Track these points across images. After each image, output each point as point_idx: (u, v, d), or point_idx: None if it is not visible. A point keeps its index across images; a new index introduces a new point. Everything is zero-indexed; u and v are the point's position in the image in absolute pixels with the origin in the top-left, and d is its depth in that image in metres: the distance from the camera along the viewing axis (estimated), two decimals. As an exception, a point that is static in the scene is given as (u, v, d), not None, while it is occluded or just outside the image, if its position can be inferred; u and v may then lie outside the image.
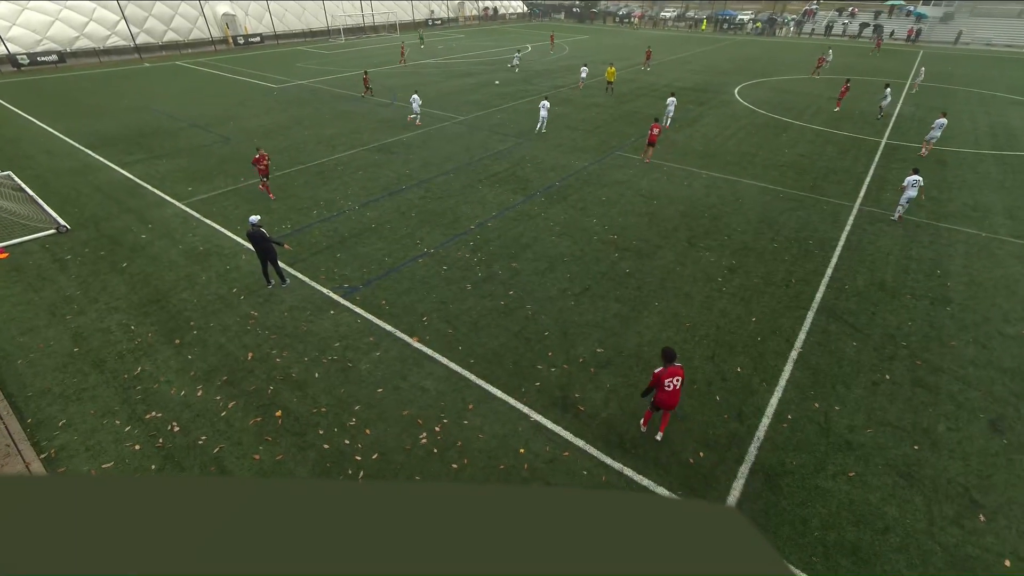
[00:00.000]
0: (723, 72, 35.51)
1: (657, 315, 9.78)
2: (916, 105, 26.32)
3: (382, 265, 11.37)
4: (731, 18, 70.28)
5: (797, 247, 12.35)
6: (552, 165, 17.48)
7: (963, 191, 15.72)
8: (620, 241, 12.49)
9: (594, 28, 68.39)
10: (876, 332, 9.39)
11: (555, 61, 39.06)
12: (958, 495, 6.45)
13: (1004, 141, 20.57)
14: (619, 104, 26.12)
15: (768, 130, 21.81)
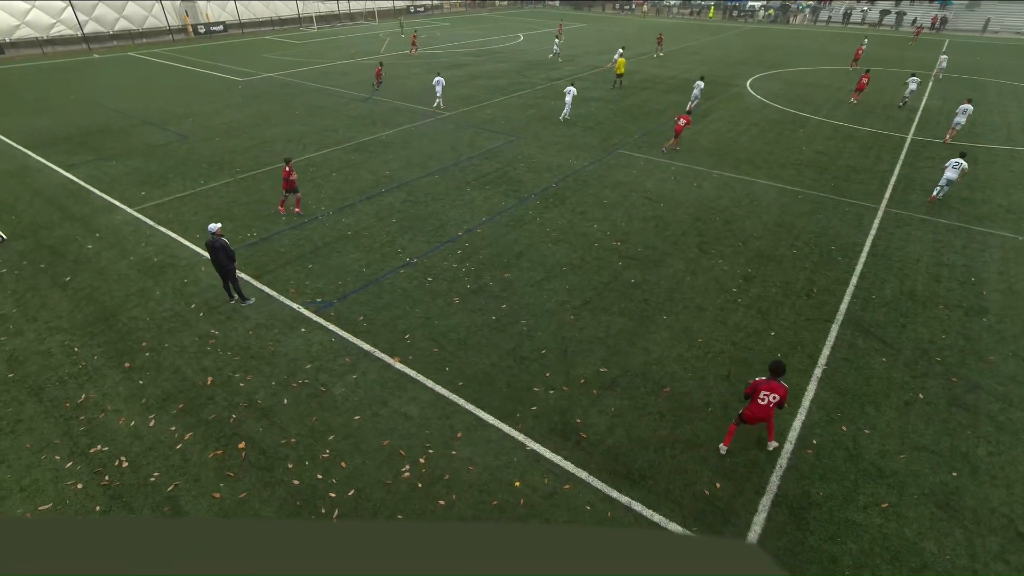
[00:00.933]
0: (734, 63, 36.16)
1: (666, 330, 9.81)
2: (944, 98, 26.90)
3: (359, 277, 11.34)
4: (741, 5, 71.72)
5: (818, 253, 12.49)
6: (548, 165, 17.62)
7: (997, 191, 16.02)
8: (624, 248, 12.57)
9: (592, 16, 69.49)
10: (907, 346, 9.48)
11: (549, 51, 39.58)
12: (1002, 527, 6.47)
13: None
14: (622, 98, 26.46)
15: (784, 126, 22.17)
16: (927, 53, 40.88)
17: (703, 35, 49.39)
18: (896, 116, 23.69)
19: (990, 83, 30.16)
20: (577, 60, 36.69)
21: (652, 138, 20.42)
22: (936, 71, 31.06)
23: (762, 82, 30.37)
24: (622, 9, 77.19)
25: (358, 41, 44.69)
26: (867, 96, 26.75)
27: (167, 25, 46.14)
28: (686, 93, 27.29)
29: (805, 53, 40.47)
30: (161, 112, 23.53)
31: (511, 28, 54.09)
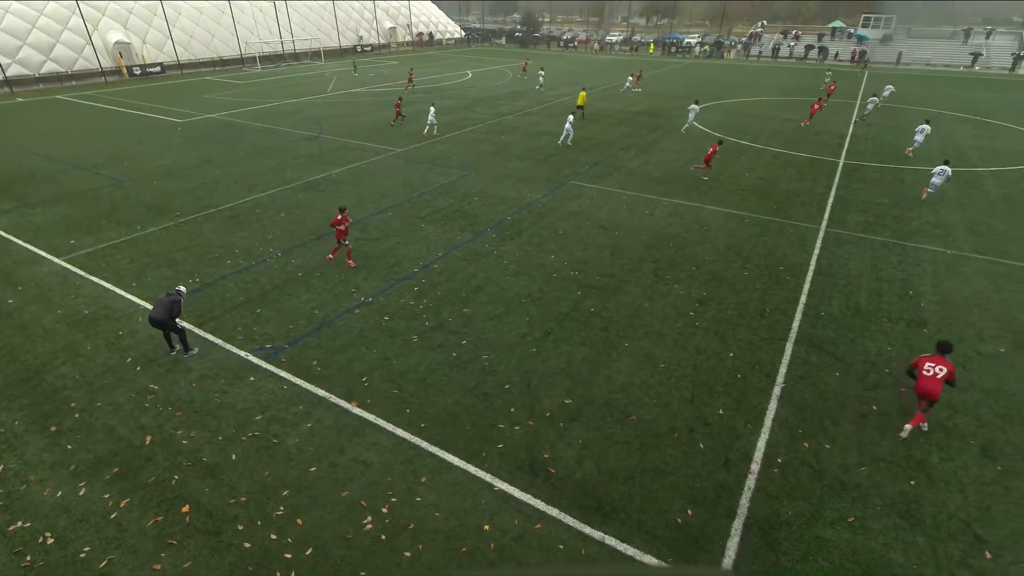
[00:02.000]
0: (676, 96, 38.19)
1: (628, 357, 9.94)
2: (869, 125, 29.17)
3: (312, 320, 11.04)
4: (678, 41, 76.39)
5: (768, 274, 13.06)
6: (502, 198, 17.89)
7: (924, 208, 17.32)
8: (582, 277, 12.78)
9: (537, 53, 72.27)
10: (858, 360, 9.93)
11: (498, 88, 40.76)
12: (961, 532, 6.73)
13: (954, 158, 23.01)
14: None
15: (726, 154, 23.39)
16: (852, 84, 44.41)
17: (646, 70, 52.03)
18: (828, 143, 25.45)
19: (909, 109, 32.94)
20: (526, 95, 37.87)
21: (603, 169, 21.13)
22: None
23: (703, 113, 32.10)
24: (567, 46, 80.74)
25: (304, 80, 44.76)
26: (810, 125, 28.69)
27: (99, 67, 44.91)
28: (633, 126, 28.55)
29: (740, 86, 43.23)
30: (93, 156, 22.64)
31: (458, 66, 55.52)
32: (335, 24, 65.55)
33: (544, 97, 37.22)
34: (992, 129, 28.49)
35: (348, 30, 68.41)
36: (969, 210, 17.23)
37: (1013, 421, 8.51)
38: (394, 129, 27.34)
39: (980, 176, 20.70)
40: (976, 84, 46.27)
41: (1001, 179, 20.39)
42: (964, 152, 24.02)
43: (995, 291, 12.37)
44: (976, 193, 18.82)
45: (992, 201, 18.08)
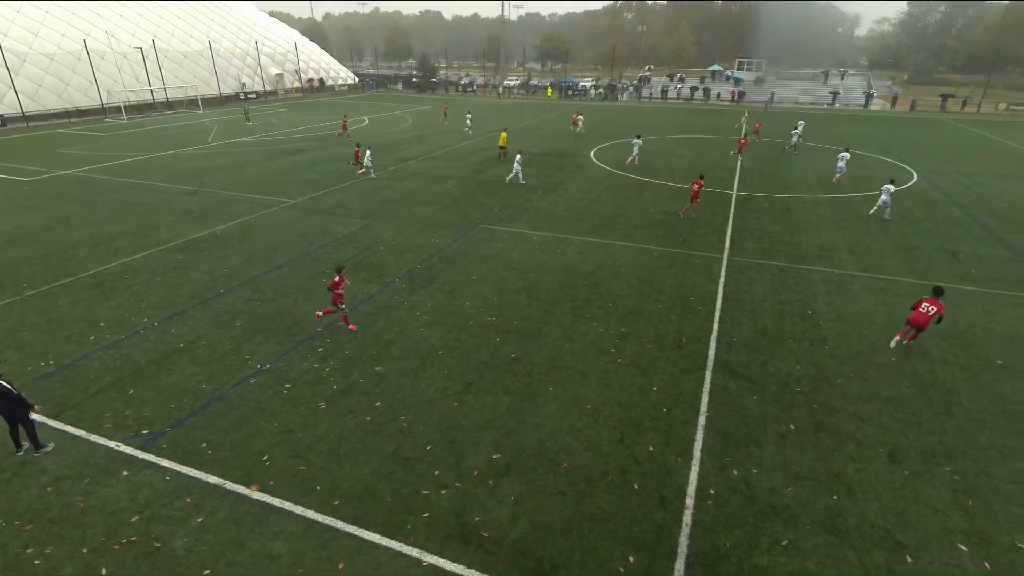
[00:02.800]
0: (576, 136, 40.62)
1: (554, 401, 10.03)
2: (753, 158, 32.64)
3: (198, 396, 10.14)
4: (574, 85, 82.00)
5: (681, 305, 13.90)
6: (409, 246, 17.81)
7: (810, 233, 19.43)
8: (500, 323, 12.87)
9: (436, 98, 74.38)
10: (771, 382, 10.71)
11: (398, 133, 41.25)
12: (882, 539, 7.29)
13: (830, 185, 26.23)
14: (475, 174, 28.11)
15: (629, 190, 25.06)
16: (732, 120, 49.64)
17: (546, 112, 55.12)
18: (721, 176, 28.08)
19: (784, 143, 37.28)
20: (427, 140, 38.58)
21: (512, 211, 21.77)
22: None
23: (604, 152, 34.38)
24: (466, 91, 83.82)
25: (181, 131, 42.66)
26: (696, 160, 31.50)
27: (-81, 121, 40.05)
28: (538, 166, 29.86)
29: (636, 125, 46.89)
30: (-91, 224, 19.84)
31: (354, 112, 55.66)
32: (213, 71, 63.63)
33: (447, 141, 38.12)
34: (859, 158, 32.88)
35: (229, 77, 66.67)
36: (848, 232, 19.56)
37: (910, 425, 9.50)
38: (286, 177, 26.61)
39: (853, 201, 23.67)
40: (839, 119, 53.59)
41: (871, 203, 23.42)
42: (840, 179, 27.43)
43: (880, 304, 13.98)
44: (853, 217, 21.46)
45: (866, 223, 20.67)
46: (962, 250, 17.93)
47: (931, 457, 8.76)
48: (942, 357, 11.63)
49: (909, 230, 19.90)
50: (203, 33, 65.56)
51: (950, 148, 37.91)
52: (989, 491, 8.09)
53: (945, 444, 9.06)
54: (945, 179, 28.07)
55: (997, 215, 21.97)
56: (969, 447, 8.99)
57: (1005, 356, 11.68)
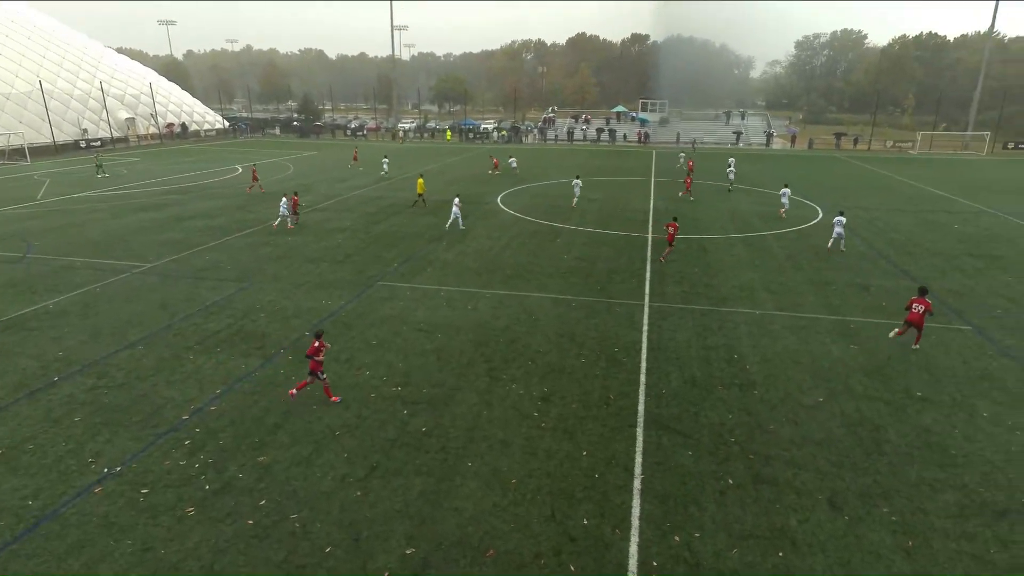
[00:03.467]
0: (481, 181, 41.75)
1: (474, 479, 9.78)
2: (666, 198, 35.07)
3: (21, 516, 8.87)
4: (475, 127, 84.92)
5: (605, 358, 14.28)
6: (296, 310, 17.13)
7: (728, 273, 20.93)
8: (407, 392, 12.53)
9: (322, 143, 74.00)
10: (705, 434, 11.14)
11: (278, 183, 40.30)
12: (833, 595, 7.61)
13: (742, 224, 28.63)
14: (370, 225, 27.91)
15: (541, 237, 25.89)
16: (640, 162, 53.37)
17: (447, 156, 56.37)
18: (634, 219, 29.82)
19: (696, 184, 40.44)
20: (313, 189, 37.98)
21: (415, 264, 21.69)
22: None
23: (511, 198, 35.50)
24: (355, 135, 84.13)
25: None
26: (608, 202, 33.29)
27: None
28: (441, 215, 30.22)
29: (543, 168, 49.09)
30: None
31: (225, 160, 53.96)
32: (46, 115, 59.49)
33: (336, 190, 37.77)
34: (764, 196, 36.28)
35: (66, 122, 62.65)
36: (763, 271, 21.28)
37: (845, 467, 10.18)
38: (142, 237, 24.95)
39: (766, 239, 25.91)
40: (744, 158, 59.14)
41: (782, 241, 25.77)
42: (748, 219, 30.02)
43: (802, 344, 15.15)
44: (766, 255, 23.43)
45: (779, 261, 22.63)
46: (871, 283, 20.01)
47: (868, 499, 9.39)
48: (866, 393, 12.71)
49: (821, 265, 22.00)
50: (31, 72, 61.54)
51: (848, 185, 42.87)
52: (926, 528, 8.76)
53: (880, 483, 9.76)
54: (847, 215, 31.52)
55: (896, 247, 24.89)
56: (902, 484, 9.74)
57: (923, 387, 12.97)
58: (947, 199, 37.00)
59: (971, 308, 17.74)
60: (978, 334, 15.89)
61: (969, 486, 9.71)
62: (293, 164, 50.92)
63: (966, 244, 25.49)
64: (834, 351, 14.74)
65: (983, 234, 27.33)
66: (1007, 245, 25.39)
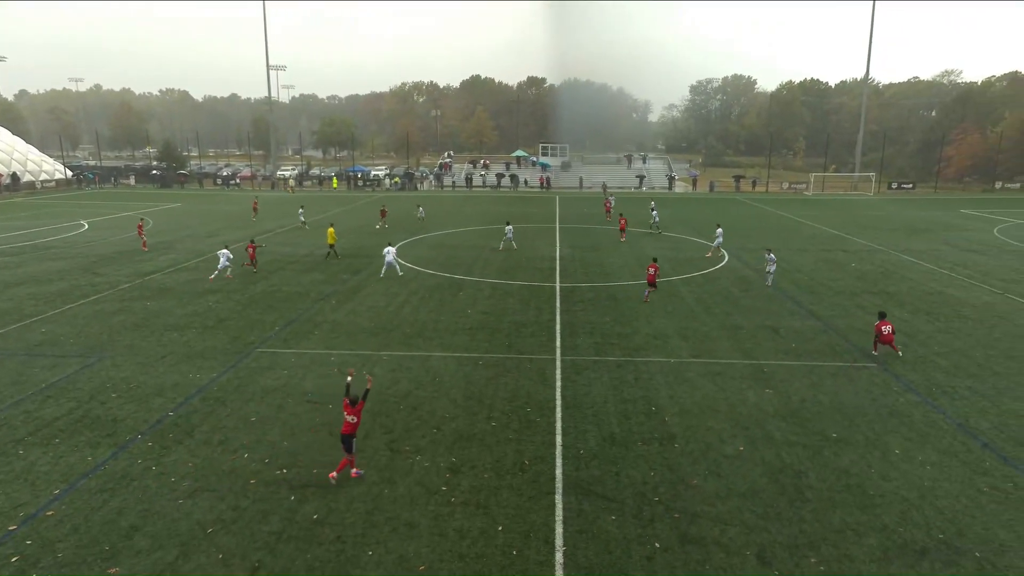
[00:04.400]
0: (373, 233, 41.42)
1: (376, 569, 9.29)
2: (572, 246, 36.31)
3: None
4: (365, 174, 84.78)
5: (517, 419, 14.26)
6: (156, 388, 15.91)
7: (640, 321, 21.78)
8: (294, 475, 11.84)
9: (186, 193, 70.94)
10: (627, 495, 11.28)
11: (135, 240, 37.97)
12: (770, 659, 7.78)
13: (651, 270, 30.07)
14: (247, 285, 26.75)
15: (443, 291, 25.88)
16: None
17: (333, 206, 55.59)
18: (541, 267, 30.57)
19: (599, 229, 42.35)
20: (176, 246, 36.07)
21: (299, 327, 20.92)
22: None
23: (408, 248, 35.42)
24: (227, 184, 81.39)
25: None
26: (513, 250, 34.00)
27: None
28: (326, 271, 29.54)
29: (442, 217, 49.56)
30: None
31: (67, 215, 50.32)
32: None
33: (205, 246, 36.05)
34: (672, 240, 38.49)
35: None
36: (675, 318, 22.34)
37: (771, 518, 10.62)
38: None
39: (675, 284, 27.33)
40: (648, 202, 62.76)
41: (690, 285, 27.28)
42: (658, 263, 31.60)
43: (719, 391, 15.90)
44: (677, 301, 24.66)
45: (690, 306, 23.88)
46: (780, 325, 21.51)
47: (796, 550, 9.80)
48: (785, 439, 13.45)
49: (731, 309, 23.42)
50: None
51: (751, 226, 46.48)
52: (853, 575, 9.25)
53: (805, 532, 10.24)
54: (752, 256, 34.06)
55: (801, 287, 27.03)
56: (827, 531, 10.28)
57: (837, 428, 13.92)
58: (842, 238, 40.91)
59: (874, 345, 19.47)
60: (883, 370, 17.39)
61: (889, 527, 10.40)
62: (152, 218, 48.26)
63: (864, 282, 28.14)
64: (750, 397, 15.57)
65: (878, 271, 30.32)
66: (900, 281, 28.29)
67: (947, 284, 27.90)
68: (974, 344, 19.60)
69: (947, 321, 22.13)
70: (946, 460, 12.49)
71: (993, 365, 17.80)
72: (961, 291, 26.58)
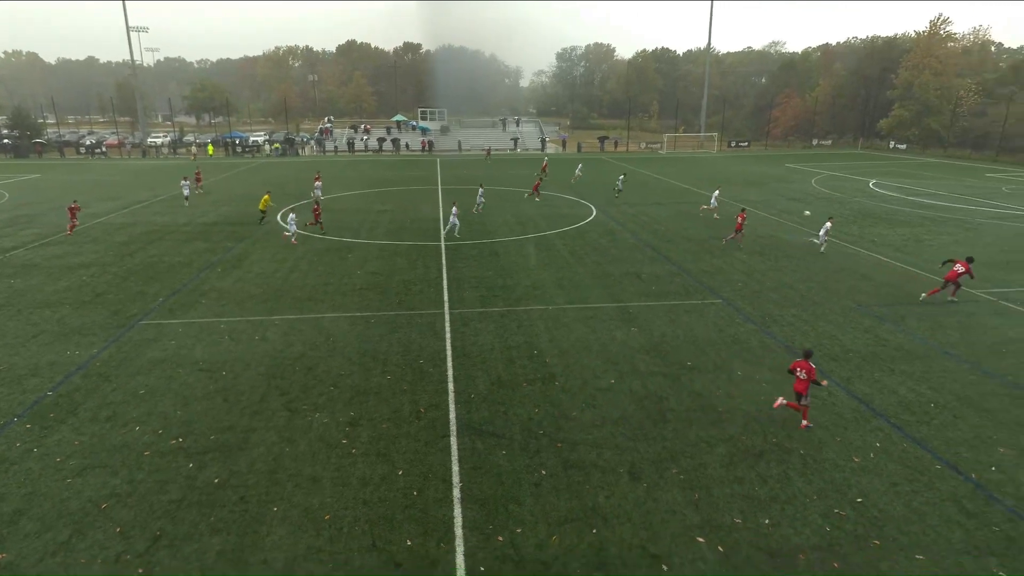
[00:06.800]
0: (255, 199, 38.91)
1: (282, 524, 9.08)
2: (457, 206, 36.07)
3: None
4: (243, 140, 78.92)
5: (411, 371, 14.24)
6: (30, 368, 14.32)
7: (520, 274, 22.20)
8: (190, 443, 11.20)
9: (46, 163, 63.03)
10: (515, 431, 11.68)
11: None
12: (640, 557, 8.48)
13: (530, 226, 30.56)
14: (124, 257, 24.44)
15: (332, 254, 24.97)
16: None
17: (210, 174, 51.38)
18: (425, 228, 30.18)
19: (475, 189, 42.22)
20: (39, 220, 32.10)
21: (185, 297, 19.48)
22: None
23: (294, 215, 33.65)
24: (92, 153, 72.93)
25: None
26: (401, 212, 33.28)
27: None
28: (211, 239, 27.57)
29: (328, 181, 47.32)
30: None
31: (-96, 189, 43.14)
32: None
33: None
34: (550, 199, 39.15)
35: None
36: (551, 269, 22.97)
37: (639, 439, 11.43)
38: None
39: (550, 238, 27.98)
40: (523, 163, 63.31)
41: (564, 238, 28.06)
42: (535, 220, 32.16)
43: (592, 332, 16.65)
44: (553, 254, 25.31)
45: (564, 258, 24.61)
46: (642, 271, 22.72)
47: (660, 463, 10.65)
48: (648, 370, 14.38)
49: (600, 259, 24.39)
50: None
51: (614, 184, 48.16)
52: (707, 480, 10.19)
53: (667, 448, 11.13)
54: (616, 211, 35.45)
55: (659, 236, 28.59)
56: (685, 445, 11.22)
57: (691, 357, 15.07)
58: (693, 191, 43.48)
59: (720, 284, 21.07)
60: (727, 305, 18.91)
61: (734, 437, 11.52)
62: (8, 191, 42.51)
63: (712, 229, 30.19)
64: (619, 335, 16.45)
65: (723, 220, 32.63)
66: (740, 228, 30.64)
67: (776, 228, 30.58)
68: (798, 279, 21.73)
69: (776, 260, 24.33)
70: (777, 377, 13.90)
71: (812, 296, 19.88)
72: (787, 234, 29.25)
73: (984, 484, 10.13)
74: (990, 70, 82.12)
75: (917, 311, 18.44)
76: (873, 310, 18.51)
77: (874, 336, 16.45)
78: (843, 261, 24.26)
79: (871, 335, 16.52)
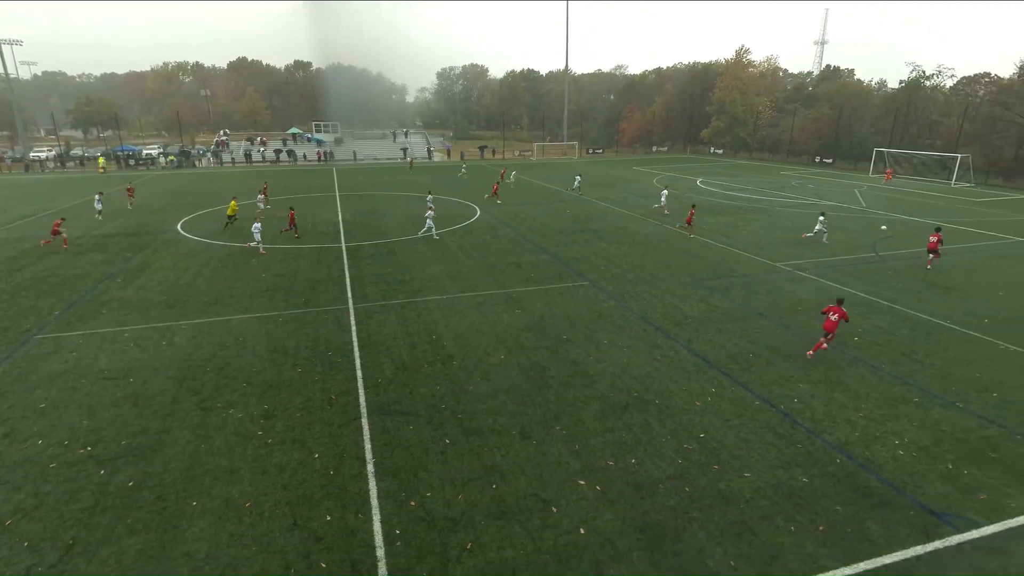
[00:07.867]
0: (153, 210, 35.29)
1: (203, 516, 8.41)
2: (352, 211, 34.71)
3: None
4: (136, 153, 70.93)
5: (321, 363, 13.63)
6: (-90, 392, 12.11)
7: (416, 269, 21.86)
8: (100, 451, 10.04)
9: (-87, 180, 52.93)
10: (420, 408, 11.57)
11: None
12: (534, 504, 8.75)
13: (422, 226, 30.09)
14: (10, 273, 21.20)
15: (235, 259, 23.20)
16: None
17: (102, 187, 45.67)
18: (326, 231, 28.84)
19: (376, 195, 40.99)
20: (-92, 239, 27.01)
21: (83, 308, 17.30)
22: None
23: (194, 223, 30.89)
24: (-35, 168, 62.27)
25: None
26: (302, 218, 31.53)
27: None
28: (108, 251, 24.67)
29: (224, 191, 43.78)
30: None
31: None
32: None
33: None
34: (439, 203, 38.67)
35: None
36: (444, 263, 22.83)
37: (527, 404, 11.73)
38: None
39: (442, 236, 27.76)
40: (410, 171, 62.11)
41: (453, 236, 27.96)
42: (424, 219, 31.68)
43: (482, 317, 16.79)
44: (445, 250, 25.13)
45: (455, 253, 24.53)
46: (522, 261, 23.17)
47: (545, 423, 11.01)
48: (532, 345, 14.76)
49: (485, 252, 24.56)
50: None
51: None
52: (585, 432, 10.69)
53: (551, 410, 11.52)
54: (498, 210, 35.82)
55: (535, 231, 29.26)
56: (565, 405, 11.67)
57: (566, 332, 15.65)
58: (560, 192, 44.85)
59: (586, 268, 21.99)
60: (592, 286, 19.80)
61: (604, 395, 12.14)
62: None
63: (577, 223, 31.36)
64: (505, 318, 16.72)
65: (584, 215, 33.99)
66: (600, 221, 32.08)
67: (629, 221, 32.35)
68: (647, 262, 23.17)
69: (630, 247, 25.78)
70: (635, 343, 14.80)
71: (659, 274, 21.30)
72: (638, 225, 31.05)
73: (790, 412, 11.45)
74: (779, 90, 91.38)
75: (737, 282, 20.35)
76: (705, 283, 20.18)
77: (707, 304, 17.96)
78: (681, 244, 26.20)
79: (704, 303, 18.02)
